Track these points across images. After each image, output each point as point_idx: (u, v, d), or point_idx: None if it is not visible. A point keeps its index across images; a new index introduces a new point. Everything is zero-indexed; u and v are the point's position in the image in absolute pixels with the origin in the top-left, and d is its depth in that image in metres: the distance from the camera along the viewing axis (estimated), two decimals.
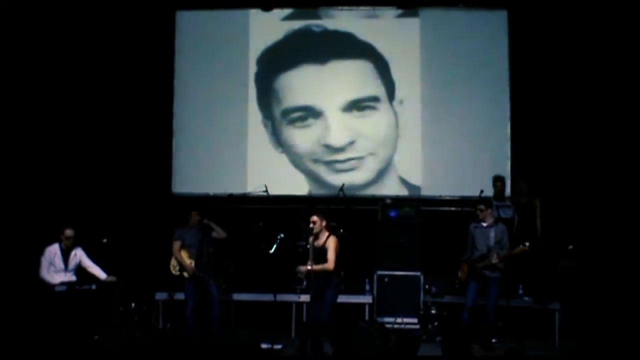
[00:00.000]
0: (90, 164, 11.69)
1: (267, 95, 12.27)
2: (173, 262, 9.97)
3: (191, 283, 9.84)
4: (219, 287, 10.03)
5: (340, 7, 12.19)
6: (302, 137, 12.15)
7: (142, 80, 11.97)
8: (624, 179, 10.84)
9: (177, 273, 9.93)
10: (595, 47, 11.17)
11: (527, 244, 9.33)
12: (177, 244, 9.93)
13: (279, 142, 12.22)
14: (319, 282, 8.96)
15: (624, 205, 10.73)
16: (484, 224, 9.55)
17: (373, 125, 12.06)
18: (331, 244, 8.95)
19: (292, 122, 12.18)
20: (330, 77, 12.11)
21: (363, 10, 12.17)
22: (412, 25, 12.04)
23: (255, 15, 12.29)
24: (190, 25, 12.39)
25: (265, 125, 12.25)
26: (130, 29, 11.93)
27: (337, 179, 11.95)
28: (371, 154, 12.02)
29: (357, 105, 12.06)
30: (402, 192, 11.94)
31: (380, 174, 12.03)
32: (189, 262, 9.87)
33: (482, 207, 9.61)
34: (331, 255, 8.89)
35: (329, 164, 12.08)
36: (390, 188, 11.99)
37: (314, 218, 9.09)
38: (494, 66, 11.80)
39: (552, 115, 11.39)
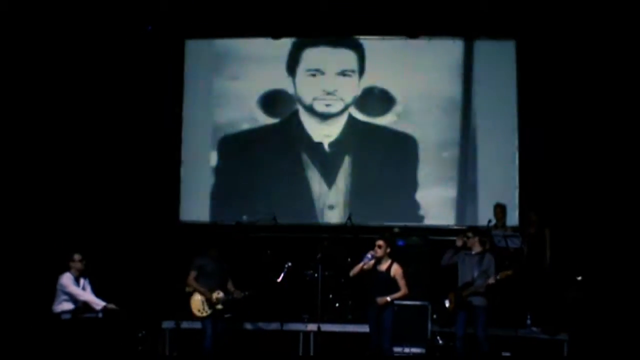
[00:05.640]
0: (98, 191, 11.68)
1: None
2: (196, 304, 9.29)
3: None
4: (245, 296, 9.48)
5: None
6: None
7: (151, 108, 12.06)
8: (633, 210, 10.81)
9: (207, 313, 9.27)
10: (603, 76, 11.20)
11: (510, 268, 9.33)
12: (193, 274, 9.34)
13: None
14: (380, 308, 9.00)
15: (633, 236, 10.69)
16: (472, 252, 9.49)
17: None
18: (398, 271, 9.08)
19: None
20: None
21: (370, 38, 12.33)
22: (416, 50, 12.22)
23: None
24: (200, 54, 12.51)
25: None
26: (141, 58, 12.04)
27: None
28: None
29: None
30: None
31: None
32: (210, 294, 9.27)
33: (469, 234, 9.55)
34: (402, 282, 9.05)
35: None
36: None
37: (380, 242, 9.09)
38: (502, 95, 11.91)
39: (560, 145, 11.42)
